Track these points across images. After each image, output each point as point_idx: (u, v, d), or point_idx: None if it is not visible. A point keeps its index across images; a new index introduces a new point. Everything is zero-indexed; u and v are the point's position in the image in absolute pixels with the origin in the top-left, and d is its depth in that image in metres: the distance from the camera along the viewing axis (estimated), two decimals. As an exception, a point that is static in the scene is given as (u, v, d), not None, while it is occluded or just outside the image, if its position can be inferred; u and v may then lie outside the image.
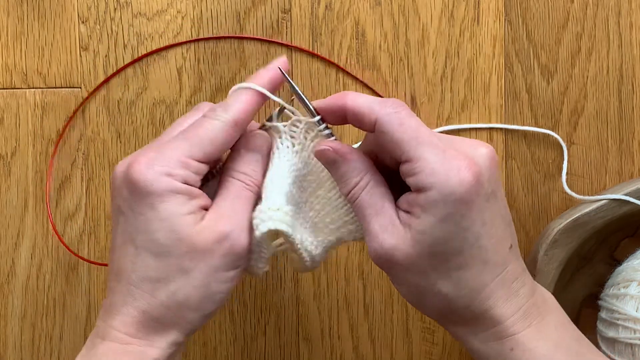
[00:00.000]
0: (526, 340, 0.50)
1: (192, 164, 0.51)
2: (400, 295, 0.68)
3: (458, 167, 0.47)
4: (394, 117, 0.49)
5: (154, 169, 0.50)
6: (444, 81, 0.68)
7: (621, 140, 0.68)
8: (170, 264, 0.50)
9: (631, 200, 0.63)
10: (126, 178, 0.50)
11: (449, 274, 0.49)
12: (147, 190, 0.49)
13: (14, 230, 0.68)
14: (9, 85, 0.67)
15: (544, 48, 0.68)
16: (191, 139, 0.51)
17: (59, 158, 0.68)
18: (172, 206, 0.49)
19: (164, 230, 0.49)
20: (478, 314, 0.50)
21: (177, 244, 0.50)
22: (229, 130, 0.52)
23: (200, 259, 0.50)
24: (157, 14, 0.67)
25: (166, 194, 0.49)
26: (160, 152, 0.51)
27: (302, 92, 0.54)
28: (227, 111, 0.52)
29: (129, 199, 0.50)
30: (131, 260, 0.50)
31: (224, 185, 0.53)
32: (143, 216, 0.50)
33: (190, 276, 0.50)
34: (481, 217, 0.48)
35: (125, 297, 0.51)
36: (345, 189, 0.52)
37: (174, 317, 0.51)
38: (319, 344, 0.69)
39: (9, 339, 0.68)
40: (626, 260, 0.64)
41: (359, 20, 0.67)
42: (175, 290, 0.50)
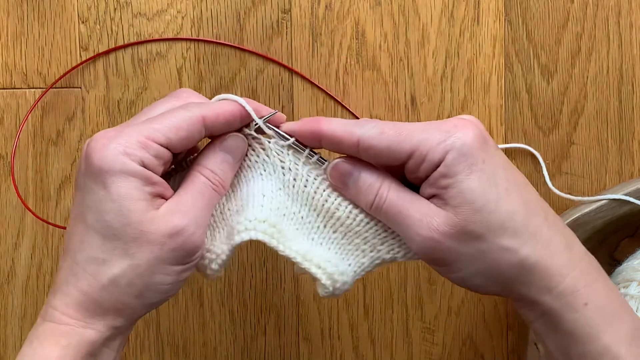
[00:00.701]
0: (597, 295, 0.50)
1: (152, 146, 0.49)
2: (400, 295, 0.69)
3: (455, 125, 0.49)
4: (374, 131, 0.50)
5: (110, 147, 0.49)
6: (444, 81, 0.68)
7: (621, 140, 0.68)
8: (116, 246, 0.49)
9: (631, 200, 0.63)
10: (85, 155, 0.50)
11: (502, 225, 0.49)
12: (101, 168, 0.48)
13: (14, 230, 0.68)
14: (9, 85, 0.67)
15: (544, 48, 0.68)
16: (154, 123, 0.50)
17: (59, 158, 0.68)
18: (125, 189, 0.48)
19: (114, 213, 0.48)
20: (546, 264, 0.49)
21: (125, 229, 0.49)
22: (195, 124, 0.51)
23: (147, 248, 0.49)
24: (157, 14, 0.67)
25: (119, 174, 0.48)
26: (119, 132, 0.50)
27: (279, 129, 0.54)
28: (199, 107, 0.51)
29: (84, 175, 0.49)
30: (79, 239, 0.50)
31: (190, 179, 0.52)
32: (95, 195, 0.49)
33: (134, 263, 0.49)
34: (500, 161, 0.50)
35: (68, 276, 0.50)
36: (368, 198, 0.51)
37: (114, 301, 0.50)
38: (319, 344, 0.69)
39: (9, 339, 0.68)
40: (626, 260, 0.64)
41: (359, 20, 0.67)
42: (118, 274, 0.49)
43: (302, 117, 0.67)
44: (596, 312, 0.49)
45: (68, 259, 0.50)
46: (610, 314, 0.50)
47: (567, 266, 0.50)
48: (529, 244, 0.49)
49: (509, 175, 0.50)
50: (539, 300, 0.50)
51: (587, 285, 0.50)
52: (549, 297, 0.49)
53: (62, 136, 0.68)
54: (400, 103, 0.67)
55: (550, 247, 0.49)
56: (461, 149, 0.48)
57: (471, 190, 0.48)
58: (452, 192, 0.48)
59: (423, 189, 0.50)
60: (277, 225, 0.51)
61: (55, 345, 0.49)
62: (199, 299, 0.68)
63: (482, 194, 0.48)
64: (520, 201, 0.49)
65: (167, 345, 0.69)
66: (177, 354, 0.69)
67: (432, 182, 0.49)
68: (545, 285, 0.49)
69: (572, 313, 0.49)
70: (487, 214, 0.48)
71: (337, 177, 0.52)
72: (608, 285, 0.51)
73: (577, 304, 0.49)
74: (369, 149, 0.50)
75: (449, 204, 0.49)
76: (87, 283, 0.49)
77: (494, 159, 0.50)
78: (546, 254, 0.49)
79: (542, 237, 0.49)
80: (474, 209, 0.48)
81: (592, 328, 0.49)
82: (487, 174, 0.49)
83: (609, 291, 0.51)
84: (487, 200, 0.48)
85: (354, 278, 0.53)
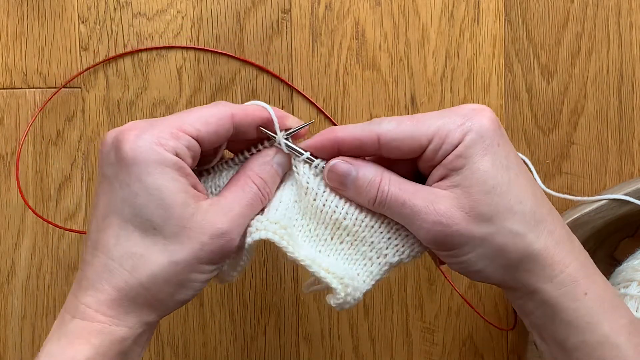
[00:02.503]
0: (596, 286, 0.50)
1: (183, 136, 0.49)
2: (400, 295, 0.69)
3: (473, 109, 0.50)
4: (391, 125, 0.50)
5: (144, 137, 0.48)
6: (444, 81, 0.68)
7: (621, 140, 0.68)
8: (155, 242, 0.48)
9: (631, 200, 0.63)
10: (115, 145, 0.49)
11: (511, 208, 0.49)
12: (135, 159, 0.48)
13: (14, 230, 0.68)
14: (9, 85, 0.67)
15: (544, 48, 0.68)
16: (183, 116, 0.50)
17: (59, 158, 0.68)
18: (163, 180, 0.48)
19: (153, 206, 0.48)
20: (550, 252, 0.50)
21: (166, 223, 0.48)
22: (224, 120, 0.51)
23: (188, 246, 0.49)
24: (157, 14, 0.67)
25: (156, 165, 0.48)
26: (150, 124, 0.50)
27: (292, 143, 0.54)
28: (228, 105, 0.52)
29: (116, 167, 0.49)
30: (114, 234, 0.49)
31: (241, 184, 0.52)
32: (130, 187, 0.48)
33: (173, 260, 0.48)
34: (512, 149, 0.51)
35: (101, 272, 0.49)
36: (371, 193, 0.51)
37: (150, 298, 0.49)
38: (319, 344, 0.69)
39: (9, 339, 0.68)
40: (626, 260, 0.64)
41: (359, 20, 0.67)
42: (157, 271, 0.48)
43: (302, 116, 0.68)
44: (596, 302, 0.50)
45: (100, 254, 0.49)
46: (609, 305, 0.50)
47: (569, 257, 0.50)
48: (535, 230, 0.50)
49: (520, 164, 0.51)
50: (540, 289, 0.50)
51: (586, 276, 0.50)
52: (550, 286, 0.50)
53: (62, 136, 0.68)
54: (400, 103, 0.67)
55: (554, 236, 0.50)
56: (480, 130, 0.49)
57: (484, 170, 0.49)
58: (466, 173, 0.49)
59: (435, 171, 0.50)
60: (288, 228, 0.51)
61: (86, 344, 0.48)
62: (199, 299, 0.69)
63: (494, 175, 0.49)
64: (529, 188, 0.50)
65: (167, 345, 0.69)
66: (177, 354, 0.69)
67: (447, 163, 0.50)
68: (548, 273, 0.50)
69: (572, 302, 0.50)
70: (497, 196, 0.49)
71: (335, 179, 0.52)
72: (604, 279, 0.52)
73: (577, 293, 0.50)
74: (390, 141, 0.50)
75: (460, 184, 0.49)
76: (123, 279, 0.49)
77: (508, 144, 0.51)
78: (550, 243, 0.50)
79: (548, 226, 0.50)
80: (485, 190, 0.49)
81: (592, 317, 0.50)
82: (501, 157, 0.49)
83: (607, 285, 0.52)
84: (498, 182, 0.49)
85: (365, 287, 0.53)
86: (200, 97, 0.67)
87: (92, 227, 0.50)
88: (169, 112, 0.67)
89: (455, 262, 0.51)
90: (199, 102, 0.67)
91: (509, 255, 0.50)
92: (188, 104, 0.67)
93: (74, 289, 0.50)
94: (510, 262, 0.50)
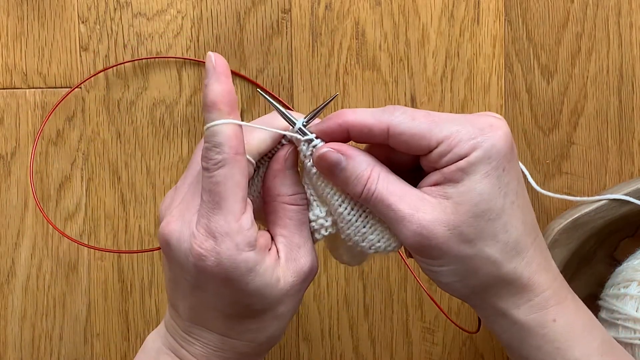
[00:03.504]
0: (567, 312, 0.50)
1: (245, 221, 0.48)
2: (400, 295, 0.69)
3: (491, 125, 0.48)
4: (404, 117, 0.49)
5: (224, 251, 0.48)
6: (444, 81, 0.68)
7: (621, 140, 0.68)
8: (266, 319, 0.51)
9: (631, 200, 0.63)
10: (195, 265, 0.48)
11: (495, 236, 0.48)
12: (227, 277, 0.48)
13: (14, 230, 0.68)
14: (9, 85, 0.67)
15: (544, 48, 0.68)
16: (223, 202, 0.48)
17: (59, 158, 0.68)
18: (257, 283, 0.49)
19: (256, 301, 0.49)
20: (524, 281, 0.49)
21: (269, 306, 0.50)
22: (239, 164, 0.49)
23: (290, 302, 0.51)
24: (157, 14, 0.67)
25: (247, 273, 0.48)
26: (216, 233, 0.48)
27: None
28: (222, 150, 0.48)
29: (202, 279, 0.49)
30: (223, 324, 0.51)
31: (282, 214, 0.52)
32: (226, 296, 0.49)
33: (283, 318, 0.51)
34: (517, 174, 0.49)
35: (217, 344, 0.51)
36: (358, 188, 0.50)
37: (265, 350, 0.53)
38: (319, 344, 0.69)
39: (9, 339, 0.68)
40: (626, 260, 0.64)
41: (359, 20, 0.67)
42: (273, 332, 0.51)
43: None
44: (565, 328, 0.49)
45: (210, 331, 0.51)
46: (579, 330, 0.50)
47: (542, 286, 0.50)
48: (513, 261, 0.49)
49: (520, 190, 0.50)
50: (508, 313, 0.50)
51: (557, 303, 0.50)
52: (518, 311, 0.50)
53: (62, 136, 0.68)
54: (400, 103, 0.67)
55: (531, 267, 0.49)
56: (489, 150, 0.48)
57: (479, 193, 0.48)
58: (461, 189, 0.48)
59: (433, 174, 0.49)
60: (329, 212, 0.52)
61: None
62: (199, 299, 0.69)
63: (488, 199, 0.48)
64: (520, 218, 0.49)
65: (167, 345, 0.69)
66: (177, 354, 0.69)
67: (446, 172, 0.48)
68: (516, 300, 0.50)
69: (540, 328, 0.49)
70: (485, 222, 0.48)
71: (324, 167, 0.51)
72: (577, 304, 0.51)
73: (546, 320, 0.49)
74: (399, 135, 0.49)
75: (452, 197, 0.48)
76: (245, 346, 0.51)
77: (513, 170, 0.49)
78: (525, 273, 0.49)
79: (527, 257, 0.49)
80: (475, 213, 0.48)
81: (562, 343, 0.49)
82: (502, 182, 0.48)
83: (579, 309, 0.51)
84: (490, 208, 0.48)
85: (359, 261, 0.54)
86: (200, 97, 0.67)
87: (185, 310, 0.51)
88: (169, 112, 0.67)
89: (426, 268, 0.51)
90: (199, 102, 0.67)
91: (480, 278, 0.49)
92: (188, 104, 0.67)
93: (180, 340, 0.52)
94: (479, 284, 0.50)
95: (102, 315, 0.68)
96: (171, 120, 0.67)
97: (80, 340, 0.69)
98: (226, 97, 0.48)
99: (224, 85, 0.49)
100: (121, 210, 0.68)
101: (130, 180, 0.68)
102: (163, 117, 0.68)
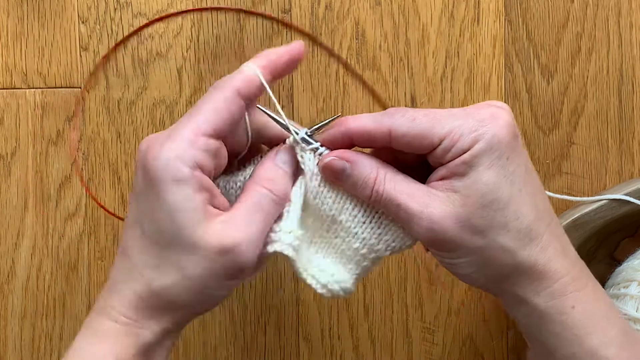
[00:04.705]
0: (586, 299, 0.50)
1: (200, 140, 0.49)
2: (400, 295, 0.69)
3: (492, 115, 0.49)
4: (404, 119, 0.49)
5: (163, 154, 0.48)
6: (444, 81, 0.68)
7: (621, 140, 0.68)
8: (169, 257, 0.49)
9: (631, 200, 0.63)
10: (141, 161, 0.49)
11: (506, 224, 0.48)
12: (155, 176, 0.48)
13: (14, 230, 0.68)
14: (9, 85, 0.67)
15: (544, 48, 0.68)
16: (194, 115, 0.50)
17: (59, 158, 0.68)
18: (177, 198, 0.48)
19: (167, 222, 0.48)
20: (540, 268, 0.49)
21: (177, 240, 0.48)
22: (231, 98, 0.50)
23: (198, 263, 0.49)
24: (157, 14, 0.67)
25: (172, 183, 0.48)
26: (169, 135, 0.49)
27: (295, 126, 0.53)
28: (229, 81, 0.51)
29: (141, 182, 0.49)
30: (138, 244, 0.50)
31: (247, 192, 0.51)
32: (149, 203, 0.49)
33: (185, 277, 0.49)
34: (523, 161, 0.50)
35: (125, 276, 0.50)
36: (366, 192, 0.51)
37: (166, 307, 0.50)
38: (319, 344, 0.69)
39: (9, 339, 0.68)
40: (626, 260, 0.64)
41: (359, 20, 0.67)
42: (170, 285, 0.49)
43: (303, 115, 0.68)
44: (584, 315, 0.49)
45: (126, 259, 0.50)
46: (598, 318, 0.50)
47: (559, 272, 0.50)
48: (527, 248, 0.49)
49: (528, 177, 0.50)
50: (527, 300, 0.50)
51: (576, 290, 0.50)
52: (537, 298, 0.50)
53: (62, 136, 0.68)
54: (400, 103, 0.67)
55: (547, 253, 0.50)
56: (491, 141, 0.48)
57: (485, 183, 0.48)
58: (467, 181, 0.48)
59: (439, 170, 0.50)
60: (300, 234, 0.51)
61: (114, 344, 0.49)
62: (199, 299, 0.69)
63: (495, 189, 0.48)
64: (531, 204, 0.49)
65: (167, 345, 0.69)
66: (177, 353, 0.69)
67: (451, 167, 0.49)
68: (534, 287, 0.50)
69: (559, 315, 0.49)
70: (494, 211, 0.48)
71: (330, 175, 0.51)
72: (597, 291, 0.51)
73: (564, 306, 0.49)
74: (401, 137, 0.49)
75: (459, 191, 0.49)
76: (141, 287, 0.50)
77: (519, 157, 0.49)
78: (541, 259, 0.49)
79: (541, 243, 0.50)
80: (483, 203, 0.48)
81: (580, 330, 0.49)
82: (507, 171, 0.49)
83: (598, 296, 0.51)
84: (498, 197, 0.48)
85: (357, 279, 0.53)
86: (200, 97, 0.67)
87: (124, 233, 0.51)
88: (169, 112, 0.67)
89: (444, 261, 0.51)
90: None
91: (497, 268, 0.50)
92: (188, 104, 0.67)
93: (103, 292, 0.52)
94: (497, 274, 0.50)
95: (102, 315, 0.68)
96: (171, 120, 0.67)
97: (80, 340, 0.69)
98: (276, 58, 0.52)
99: (284, 53, 0.53)
100: (121, 210, 0.68)
101: (130, 180, 0.68)
102: (163, 117, 0.68)
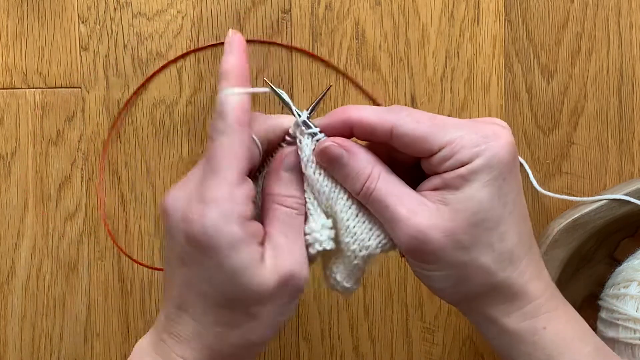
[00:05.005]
0: (558, 320, 0.50)
1: (236, 193, 0.48)
2: (400, 295, 0.69)
3: (495, 133, 0.48)
4: (409, 119, 0.49)
5: (209, 221, 0.47)
6: (444, 81, 0.68)
7: (621, 140, 0.68)
8: (239, 313, 0.49)
9: (631, 200, 0.63)
10: (178, 228, 0.48)
11: (491, 245, 0.48)
12: (208, 245, 0.47)
13: (14, 230, 0.68)
14: (9, 85, 0.67)
15: (544, 48, 0.68)
16: (218, 169, 0.48)
17: (59, 158, 0.68)
18: (236, 263, 0.47)
19: (229, 285, 0.48)
20: (516, 290, 0.49)
21: (243, 297, 0.48)
22: (240, 134, 0.49)
23: (267, 303, 0.49)
24: (157, 14, 0.67)
25: (228, 248, 0.47)
26: (204, 199, 0.47)
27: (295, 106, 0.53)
28: (227, 117, 0.49)
29: (186, 247, 0.48)
30: (200, 306, 0.49)
31: (270, 214, 0.51)
32: (205, 268, 0.48)
33: (259, 320, 0.49)
34: (517, 184, 0.49)
35: (194, 333, 0.49)
36: (357, 185, 0.50)
37: (243, 353, 0.51)
38: (319, 344, 0.69)
39: (9, 339, 0.68)
40: (626, 260, 0.64)
41: (359, 20, 0.67)
42: (246, 332, 0.49)
43: (302, 117, 0.67)
44: (556, 335, 0.49)
45: (189, 317, 0.49)
46: (570, 338, 0.50)
47: (534, 294, 0.50)
48: (507, 270, 0.49)
49: (518, 200, 0.50)
50: (498, 320, 0.50)
51: (548, 311, 0.50)
52: (508, 319, 0.50)
53: (62, 136, 0.68)
54: (400, 103, 0.67)
55: (524, 277, 0.49)
56: (490, 159, 0.48)
57: (479, 201, 0.48)
58: (460, 196, 0.48)
59: (432, 179, 0.49)
60: (328, 222, 0.51)
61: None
62: (199, 299, 0.68)
63: (487, 208, 0.48)
64: (516, 229, 0.49)
65: (167, 345, 0.69)
66: (177, 354, 0.69)
67: (447, 178, 0.48)
68: (506, 308, 0.50)
69: (531, 335, 0.49)
70: (482, 230, 0.48)
71: (325, 160, 0.51)
72: (569, 312, 0.51)
73: (536, 327, 0.49)
74: (402, 136, 0.49)
75: (450, 204, 0.48)
76: (216, 342, 0.49)
77: (514, 180, 0.49)
78: (517, 282, 0.49)
79: (520, 267, 0.49)
80: (473, 221, 0.48)
81: (552, 350, 0.49)
82: (502, 192, 0.48)
83: (570, 317, 0.51)
84: (489, 217, 0.48)
85: (351, 277, 0.53)
86: (200, 97, 0.67)
87: (173, 284, 0.50)
88: (169, 112, 0.67)
89: (419, 272, 0.50)
90: (199, 102, 0.67)
91: (473, 286, 0.49)
92: (188, 104, 0.67)
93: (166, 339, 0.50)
94: (472, 291, 0.50)
95: (102, 316, 0.69)
96: (171, 120, 0.67)
97: (80, 340, 0.69)
98: (238, 69, 0.50)
99: (237, 58, 0.50)
100: (121, 210, 0.68)
101: (130, 180, 0.68)
102: (163, 117, 0.68)
